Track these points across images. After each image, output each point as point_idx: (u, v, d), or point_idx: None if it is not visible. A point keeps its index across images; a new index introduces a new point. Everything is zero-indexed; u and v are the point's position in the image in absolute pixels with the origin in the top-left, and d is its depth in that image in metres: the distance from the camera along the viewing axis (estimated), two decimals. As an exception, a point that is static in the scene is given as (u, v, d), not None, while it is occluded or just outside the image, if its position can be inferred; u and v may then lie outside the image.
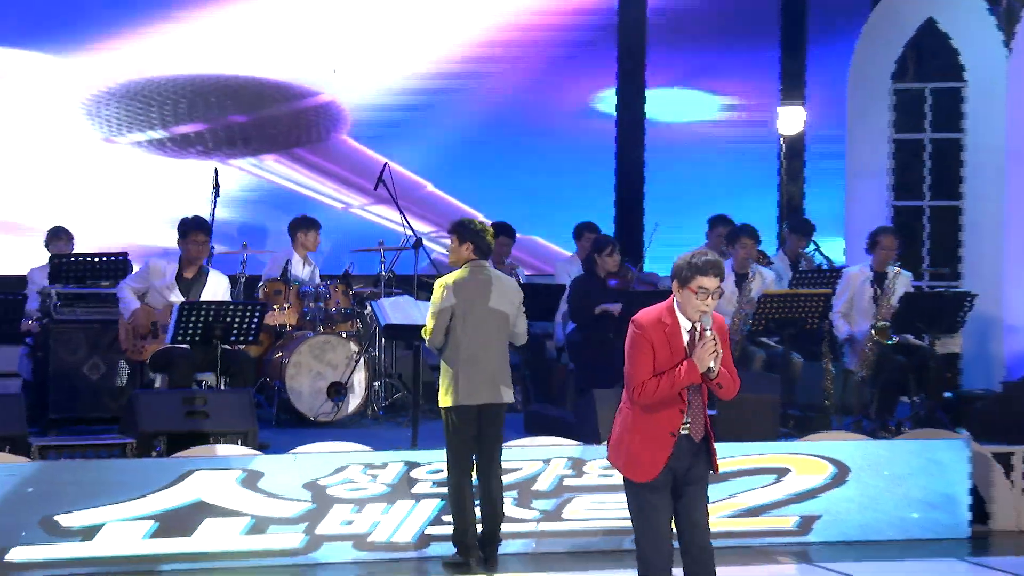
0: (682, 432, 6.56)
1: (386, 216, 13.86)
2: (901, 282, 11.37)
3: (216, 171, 12.59)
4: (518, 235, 13.26)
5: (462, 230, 8.91)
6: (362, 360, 11.58)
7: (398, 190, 12.68)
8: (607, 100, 16.01)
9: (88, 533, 8.73)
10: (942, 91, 12.44)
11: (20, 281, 12.07)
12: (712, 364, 6.49)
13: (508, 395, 8.88)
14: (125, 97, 14.57)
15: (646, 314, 6.70)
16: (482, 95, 15.60)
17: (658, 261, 14.46)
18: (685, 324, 6.57)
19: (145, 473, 8.95)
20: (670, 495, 6.70)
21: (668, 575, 6.75)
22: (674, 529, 6.79)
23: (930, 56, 12.54)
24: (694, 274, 6.46)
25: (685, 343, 6.57)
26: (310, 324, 11.74)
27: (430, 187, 15.39)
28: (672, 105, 16.26)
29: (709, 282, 6.45)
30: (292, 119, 15.19)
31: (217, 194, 12.28)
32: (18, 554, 8.60)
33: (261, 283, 11.92)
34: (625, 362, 6.68)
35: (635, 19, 15.82)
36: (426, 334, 8.97)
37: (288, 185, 15.16)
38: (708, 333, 6.49)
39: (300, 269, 12.14)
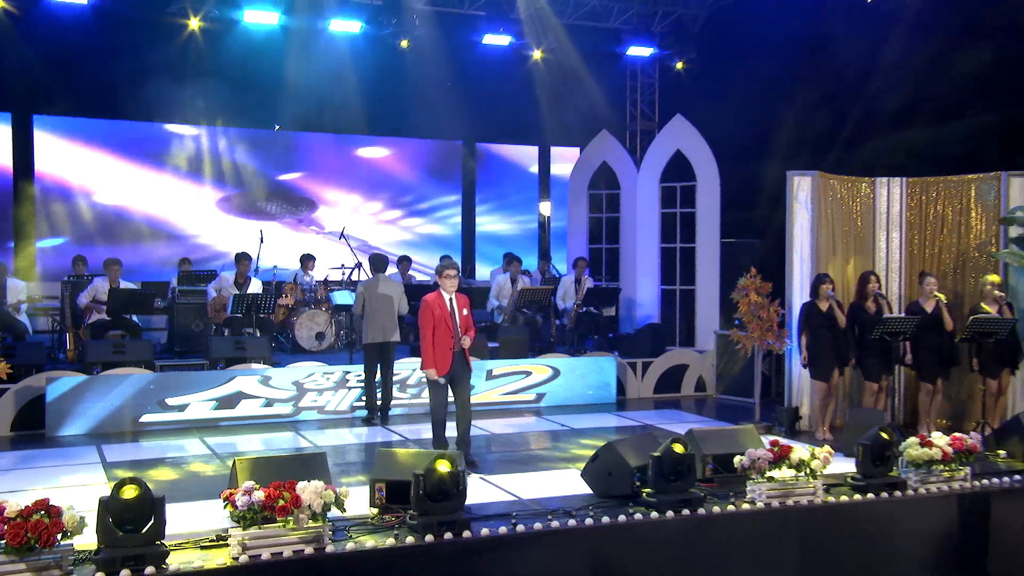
0: (455, 351, 6.31)
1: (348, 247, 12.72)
2: (588, 282, 11.02)
3: (261, 230, 11.80)
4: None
5: (368, 262, 8.64)
6: (332, 322, 10.92)
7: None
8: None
9: (181, 407, 8.12)
10: (611, 194, 12.14)
11: (158, 283, 11.21)
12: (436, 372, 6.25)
13: (394, 337, 8.35)
14: (227, 198, 13.71)
15: (429, 295, 6.54)
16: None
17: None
18: (446, 296, 6.35)
19: (212, 377, 8.34)
20: (448, 384, 6.39)
21: (443, 416, 6.40)
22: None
23: (605, 178, 12.24)
24: (443, 268, 6.36)
25: (448, 307, 6.33)
26: (307, 304, 11.04)
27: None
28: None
29: (449, 271, 6.36)
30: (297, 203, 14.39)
31: (262, 241, 11.50)
32: (146, 418, 7.97)
33: (285, 284, 11.24)
34: None
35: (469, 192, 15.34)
36: (354, 308, 8.52)
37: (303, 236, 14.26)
38: (465, 343, 6.30)
39: (303, 278, 11.43)
